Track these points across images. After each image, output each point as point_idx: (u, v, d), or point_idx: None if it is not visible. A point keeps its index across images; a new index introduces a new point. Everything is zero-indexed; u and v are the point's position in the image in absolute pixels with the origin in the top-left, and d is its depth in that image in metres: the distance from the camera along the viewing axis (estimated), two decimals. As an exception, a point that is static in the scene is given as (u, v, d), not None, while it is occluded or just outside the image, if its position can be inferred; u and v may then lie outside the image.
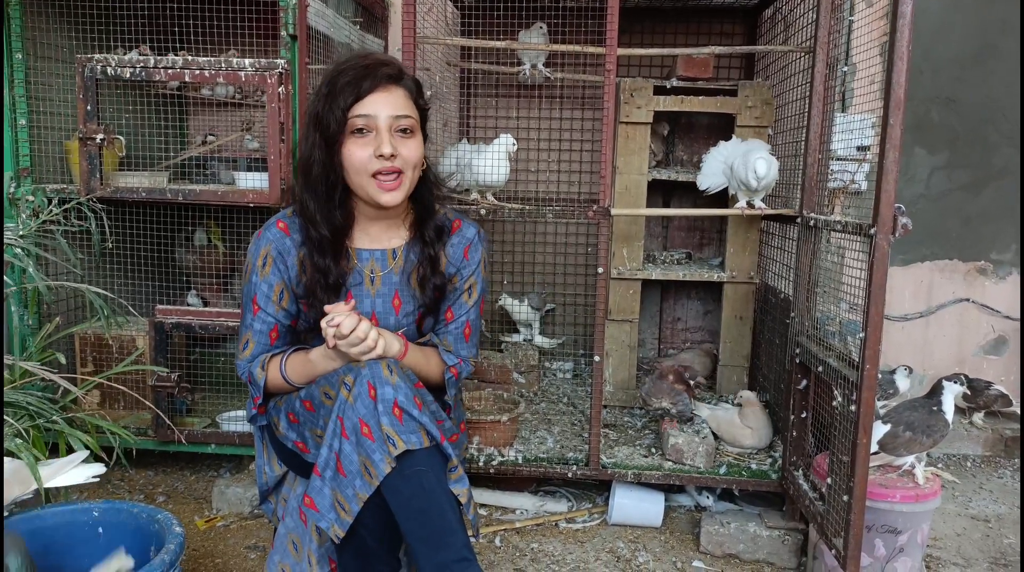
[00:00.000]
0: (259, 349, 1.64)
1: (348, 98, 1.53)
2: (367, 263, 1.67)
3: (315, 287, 1.61)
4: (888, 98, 1.60)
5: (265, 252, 1.63)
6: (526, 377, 2.92)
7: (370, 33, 2.80)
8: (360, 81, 1.54)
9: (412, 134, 1.59)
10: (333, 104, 1.54)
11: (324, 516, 1.45)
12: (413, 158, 1.58)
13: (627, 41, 2.97)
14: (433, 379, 1.70)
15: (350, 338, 1.47)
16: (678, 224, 3.21)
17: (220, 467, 2.64)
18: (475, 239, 1.74)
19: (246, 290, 1.65)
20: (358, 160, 1.55)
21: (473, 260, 1.73)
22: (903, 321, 3.22)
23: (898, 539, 1.95)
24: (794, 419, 2.13)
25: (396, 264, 1.68)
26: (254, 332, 1.63)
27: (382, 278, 1.67)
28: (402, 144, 1.57)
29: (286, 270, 1.63)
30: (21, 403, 1.76)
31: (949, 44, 3.09)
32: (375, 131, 1.55)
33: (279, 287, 1.63)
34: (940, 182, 3.17)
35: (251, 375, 1.62)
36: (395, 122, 1.56)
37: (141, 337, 2.46)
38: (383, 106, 1.55)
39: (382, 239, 1.69)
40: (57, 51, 2.51)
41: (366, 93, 1.54)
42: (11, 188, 2.37)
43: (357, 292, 1.66)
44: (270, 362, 1.62)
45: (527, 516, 2.36)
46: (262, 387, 1.62)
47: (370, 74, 1.55)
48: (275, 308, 1.63)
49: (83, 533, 1.63)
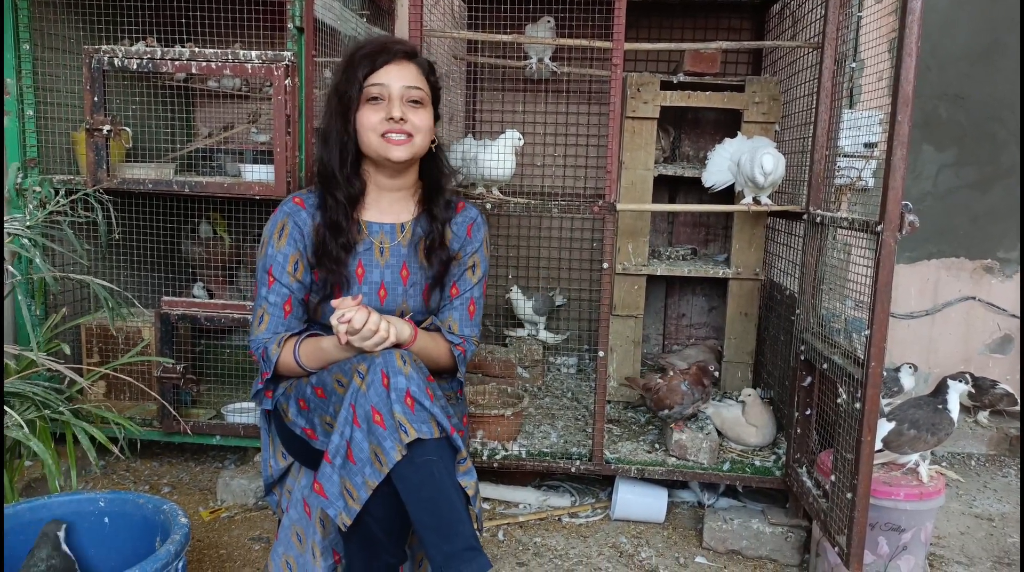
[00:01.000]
0: (273, 321, 1.67)
1: (364, 69, 1.66)
2: (377, 235, 1.75)
3: (326, 244, 1.68)
4: (896, 94, 1.59)
5: (282, 224, 1.70)
6: (530, 372, 2.92)
7: (377, 26, 2.80)
8: (376, 55, 1.67)
9: (422, 105, 1.70)
10: (351, 76, 1.66)
11: (332, 503, 1.46)
12: (422, 124, 1.69)
13: (634, 35, 2.96)
14: (443, 360, 1.75)
15: (363, 332, 1.50)
16: (684, 220, 3.21)
17: (225, 458, 2.65)
18: (478, 219, 1.84)
19: (261, 264, 1.70)
20: (370, 122, 1.66)
21: (476, 238, 1.81)
22: (909, 319, 3.21)
23: (902, 537, 1.95)
24: (798, 416, 2.13)
25: (404, 237, 1.76)
26: (269, 305, 1.67)
27: (391, 250, 1.75)
28: (412, 112, 1.68)
29: (302, 239, 1.70)
30: (27, 393, 1.77)
31: (957, 40, 3.07)
32: (388, 99, 1.66)
33: (294, 258, 1.68)
34: (948, 179, 3.16)
35: (265, 350, 1.65)
36: (407, 92, 1.67)
37: (147, 328, 2.47)
38: (396, 77, 1.67)
39: (391, 213, 1.77)
40: (64, 42, 2.52)
41: (381, 65, 1.66)
42: (18, 179, 2.38)
43: (367, 259, 1.72)
44: (286, 342, 1.64)
45: (530, 510, 2.37)
46: (274, 362, 1.64)
47: (386, 49, 1.68)
48: (290, 278, 1.68)
49: (89, 523, 1.64)
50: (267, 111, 2.78)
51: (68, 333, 2.45)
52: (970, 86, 3.09)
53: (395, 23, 2.96)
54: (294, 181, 2.24)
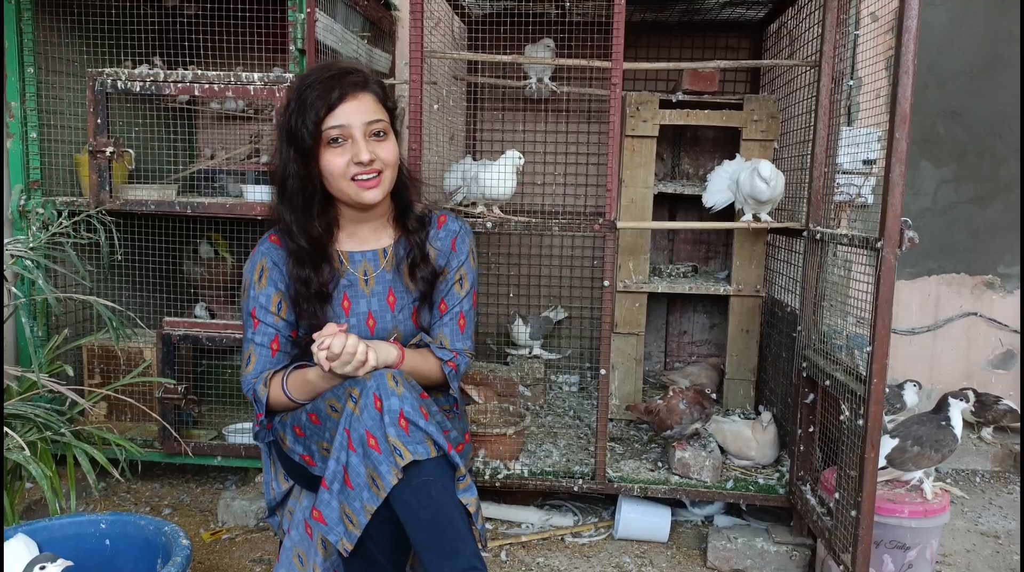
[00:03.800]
0: (261, 362, 1.65)
1: (320, 110, 1.56)
2: (360, 265, 1.72)
3: (298, 298, 1.65)
4: (894, 112, 1.60)
5: (261, 265, 1.67)
6: (532, 390, 2.92)
7: (378, 47, 2.82)
8: (329, 92, 1.57)
9: (385, 136, 1.64)
10: (305, 118, 1.56)
11: (332, 529, 1.45)
12: (390, 158, 1.64)
13: (633, 55, 2.98)
14: (435, 377, 1.73)
15: (342, 357, 1.47)
16: (684, 237, 3.22)
17: (226, 479, 2.64)
18: (461, 231, 1.80)
19: (245, 306, 1.68)
20: (336, 168, 1.59)
21: (461, 251, 1.78)
22: (910, 335, 3.20)
23: (907, 555, 1.93)
24: (801, 433, 2.12)
25: (388, 262, 1.73)
26: (255, 345, 1.66)
27: (376, 278, 1.72)
28: (378, 147, 1.62)
29: (282, 279, 1.67)
30: (29, 415, 1.76)
31: (955, 57, 3.09)
32: (350, 139, 1.59)
33: (276, 297, 1.66)
34: (947, 195, 3.17)
35: (255, 392, 1.64)
36: (368, 127, 1.60)
37: (148, 349, 2.47)
38: (355, 114, 1.59)
39: (371, 240, 1.74)
40: (68, 65, 2.54)
41: (336, 103, 1.57)
42: (21, 200, 2.39)
43: (352, 293, 1.70)
44: (272, 379, 1.63)
45: (533, 530, 2.35)
46: (264, 404, 1.63)
47: (337, 84, 1.58)
48: (274, 318, 1.66)
49: (90, 545, 1.63)
50: (269, 132, 2.80)
51: (69, 354, 2.45)
52: (968, 102, 3.11)
53: (396, 44, 2.99)
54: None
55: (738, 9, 2.82)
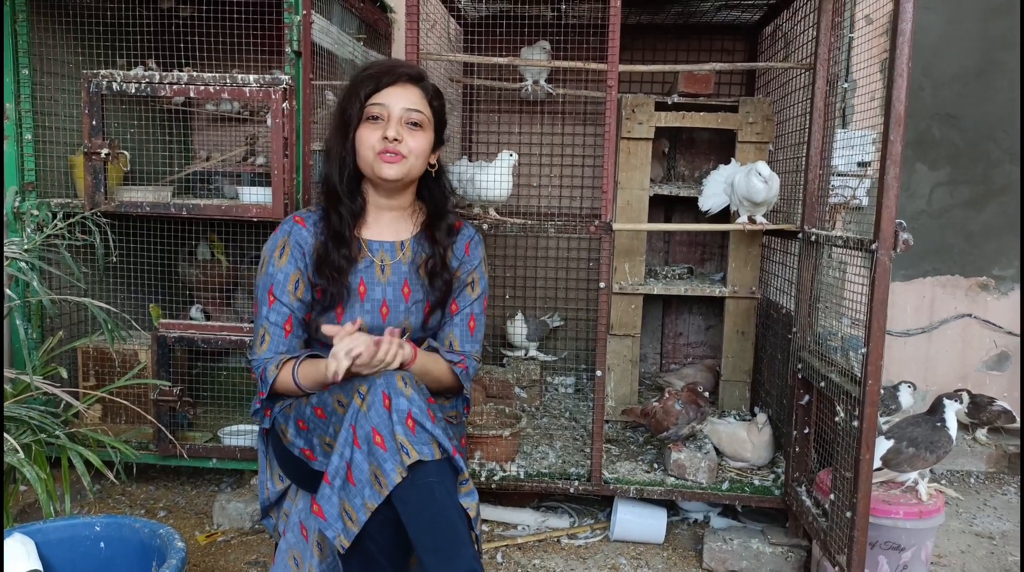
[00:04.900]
0: (275, 341, 1.67)
1: (367, 88, 1.67)
2: (377, 253, 1.75)
3: (331, 255, 1.68)
4: (888, 114, 1.61)
5: (282, 242, 1.70)
6: (528, 392, 2.92)
7: (373, 49, 2.82)
8: (381, 76, 1.69)
9: (421, 129, 1.70)
10: (354, 95, 1.68)
11: (331, 525, 1.45)
12: (417, 148, 1.69)
13: (628, 58, 2.99)
14: (444, 379, 1.75)
15: (373, 363, 1.50)
16: (680, 239, 3.22)
17: (221, 482, 2.63)
18: (475, 237, 1.85)
19: (261, 282, 1.70)
20: (367, 140, 1.67)
21: (475, 256, 1.83)
22: (905, 336, 3.21)
23: (902, 556, 1.94)
24: (796, 435, 2.12)
25: (404, 255, 1.77)
26: (269, 324, 1.68)
27: (391, 267, 1.75)
28: (409, 134, 1.68)
29: (303, 258, 1.70)
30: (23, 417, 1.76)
31: (950, 60, 3.10)
32: (387, 119, 1.67)
33: (295, 276, 1.69)
34: (942, 198, 3.18)
35: (264, 371, 1.65)
36: (406, 114, 1.67)
37: (144, 351, 2.47)
38: (397, 98, 1.67)
39: (390, 232, 1.78)
40: (63, 67, 2.53)
41: (384, 86, 1.68)
42: (16, 202, 2.38)
43: (368, 277, 1.73)
44: (284, 364, 1.64)
45: (529, 532, 2.35)
46: (270, 384, 1.64)
47: (391, 71, 1.70)
48: (290, 297, 1.68)
49: (85, 548, 1.62)
50: (264, 134, 2.80)
51: (64, 356, 2.44)
52: (963, 105, 3.12)
53: (392, 47, 2.99)
54: (291, 203, 2.25)
55: (733, 12, 2.83)
